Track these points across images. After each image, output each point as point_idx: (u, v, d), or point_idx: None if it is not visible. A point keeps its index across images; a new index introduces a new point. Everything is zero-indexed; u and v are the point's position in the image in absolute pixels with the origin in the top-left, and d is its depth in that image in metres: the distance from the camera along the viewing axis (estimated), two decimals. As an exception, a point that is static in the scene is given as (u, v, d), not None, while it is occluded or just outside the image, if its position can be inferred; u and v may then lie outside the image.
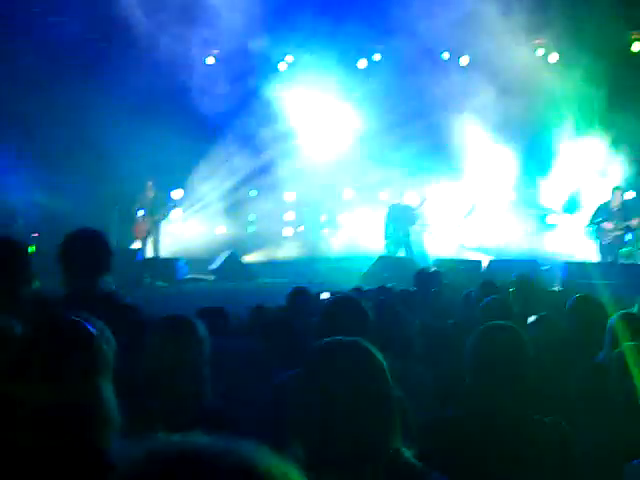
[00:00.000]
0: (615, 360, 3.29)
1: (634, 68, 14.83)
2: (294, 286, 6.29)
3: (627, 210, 13.31)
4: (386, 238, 14.55)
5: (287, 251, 17.29)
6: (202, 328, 2.87)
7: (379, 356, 2.01)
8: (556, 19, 14.44)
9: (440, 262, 12.51)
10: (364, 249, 16.04)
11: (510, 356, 2.74)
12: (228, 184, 17.19)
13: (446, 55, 16.21)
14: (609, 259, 13.05)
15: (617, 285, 10.92)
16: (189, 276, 15.12)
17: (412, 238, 14.59)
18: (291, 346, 4.24)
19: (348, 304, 3.35)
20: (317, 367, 1.98)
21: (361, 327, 3.09)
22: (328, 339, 2.05)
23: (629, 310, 4.49)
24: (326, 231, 17.82)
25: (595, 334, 4.22)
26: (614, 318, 4.05)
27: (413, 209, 14.53)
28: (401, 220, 14.40)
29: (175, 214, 16.14)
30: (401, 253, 14.32)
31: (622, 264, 12.55)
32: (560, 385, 3.88)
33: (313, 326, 3.71)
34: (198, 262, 15.53)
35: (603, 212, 13.40)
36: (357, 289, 7.58)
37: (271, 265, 16.03)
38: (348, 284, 9.75)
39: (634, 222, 13.05)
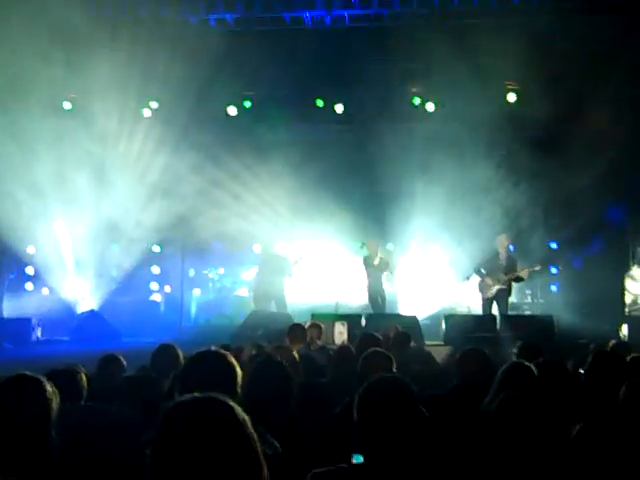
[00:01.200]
0: (496, 408, 3.37)
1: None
2: (161, 343, 6.13)
3: (512, 260, 13.69)
4: (254, 290, 14.56)
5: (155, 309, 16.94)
6: (49, 389, 2.72)
7: (240, 412, 1.94)
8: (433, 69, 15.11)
9: (320, 316, 12.59)
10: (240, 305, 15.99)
11: (399, 405, 2.89)
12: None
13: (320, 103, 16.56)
14: (488, 311, 13.49)
15: (495, 337, 11.42)
16: (43, 338, 14.51)
17: (285, 292, 14.59)
18: (154, 408, 4.09)
19: (211, 359, 3.23)
20: (169, 427, 1.89)
21: (228, 384, 3.00)
22: (182, 397, 1.97)
23: (520, 361, 4.66)
24: (197, 291, 17.56)
25: (482, 384, 4.34)
26: (502, 368, 4.19)
27: (288, 261, 14.57)
28: (274, 271, 14.41)
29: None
30: (272, 307, 14.32)
31: (507, 316, 13.00)
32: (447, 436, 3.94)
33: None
34: (54, 323, 14.97)
35: (489, 263, 13.75)
36: (225, 347, 7.41)
37: (139, 323, 15.59)
38: (220, 342, 9.58)
39: (525, 272, 13.41)
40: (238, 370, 3.25)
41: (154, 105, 16.38)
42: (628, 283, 14.85)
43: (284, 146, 15.98)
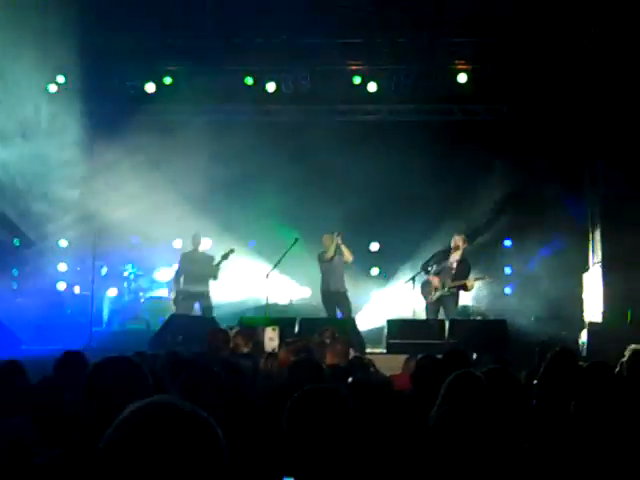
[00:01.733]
0: (434, 423, 3.41)
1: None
2: (66, 351, 6.05)
3: (465, 266, 13.77)
4: (175, 291, 14.45)
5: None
6: None
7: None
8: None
9: (249, 320, 12.62)
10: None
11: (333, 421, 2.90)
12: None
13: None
14: (432, 316, 13.62)
15: (443, 345, 11.58)
16: None
17: (210, 292, 14.52)
18: (59, 421, 4.06)
19: (120, 367, 3.19)
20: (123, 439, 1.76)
21: (140, 394, 2.96)
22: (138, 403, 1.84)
23: (468, 370, 4.75)
24: (111, 292, 17.30)
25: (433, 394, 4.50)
26: (450, 378, 4.34)
27: (214, 258, 14.47)
28: (198, 269, 14.31)
29: None
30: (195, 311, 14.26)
31: (455, 320, 13.09)
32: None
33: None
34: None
35: (438, 262, 13.82)
36: (139, 354, 7.35)
37: (43, 328, 15.28)
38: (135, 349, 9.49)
39: (470, 282, 13.59)
40: (150, 380, 3.19)
41: (61, 79, 16.13)
42: (587, 285, 15.16)
43: (207, 129, 15.93)
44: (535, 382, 5.37)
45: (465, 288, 13.71)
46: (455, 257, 13.81)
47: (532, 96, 15.83)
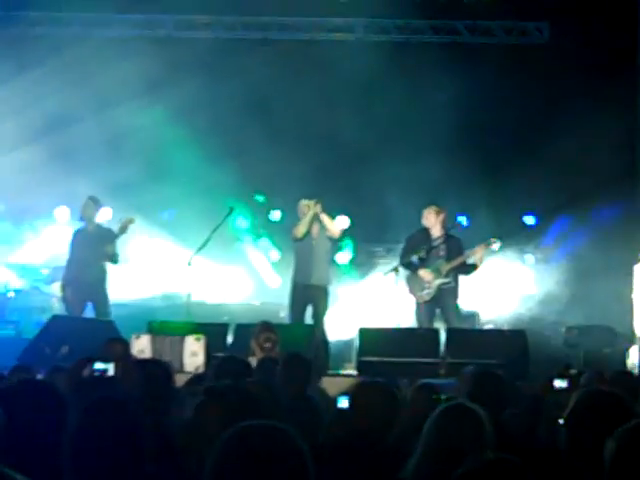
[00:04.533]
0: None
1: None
2: None
3: (454, 241, 13.86)
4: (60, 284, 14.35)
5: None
6: None
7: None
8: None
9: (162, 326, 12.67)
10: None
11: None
12: None
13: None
14: (427, 323, 13.60)
15: (438, 365, 11.62)
16: None
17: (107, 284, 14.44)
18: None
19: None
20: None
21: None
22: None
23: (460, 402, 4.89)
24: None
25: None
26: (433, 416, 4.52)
27: (112, 233, 14.34)
28: (90, 251, 14.18)
29: None
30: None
31: (456, 330, 13.08)
32: None
33: None
34: None
35: (419, 242, 13.77)
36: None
37: None
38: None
39: (478, 251, 13.65)
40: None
41: None
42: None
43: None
44: (562, 422, 5.41)
45: (471, 267, 13.79)
46: (436, 234, 13.82)
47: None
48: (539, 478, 3.85)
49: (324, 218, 13.99)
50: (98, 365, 6.35)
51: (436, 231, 13.81)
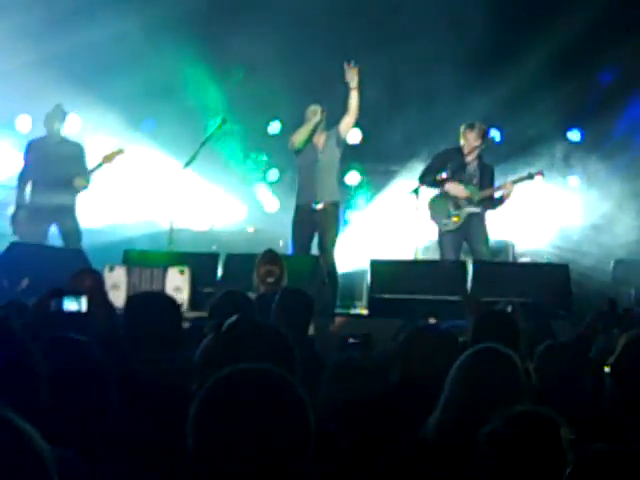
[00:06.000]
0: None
1: None
2: None
3: (487, 170, 13.97)
4: (20, 206, 14.40)
5: None
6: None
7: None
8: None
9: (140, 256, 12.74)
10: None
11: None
12: None
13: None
14: (452, 254, 13.67)
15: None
16: None
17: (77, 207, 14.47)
18: None
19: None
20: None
21: None
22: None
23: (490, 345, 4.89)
24: None
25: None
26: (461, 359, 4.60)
27: (83, 151, 14.40)
28: (59, 169, 14.22)
29: None
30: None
31: (486, 263, 13.19)
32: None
33: None
34: None
35: (449, 162, 13.76)
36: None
37: None
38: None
39: (507, 186, 13.71)
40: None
41: None
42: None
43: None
44: (608, 368, 5.45)
45: (499, 201, 13.85)
46: (470, 159, 13.84)
47: None
48: (580, 436, 3.91)
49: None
50: (68, 300, 6.42)
51: (471, 156, 13.80)
